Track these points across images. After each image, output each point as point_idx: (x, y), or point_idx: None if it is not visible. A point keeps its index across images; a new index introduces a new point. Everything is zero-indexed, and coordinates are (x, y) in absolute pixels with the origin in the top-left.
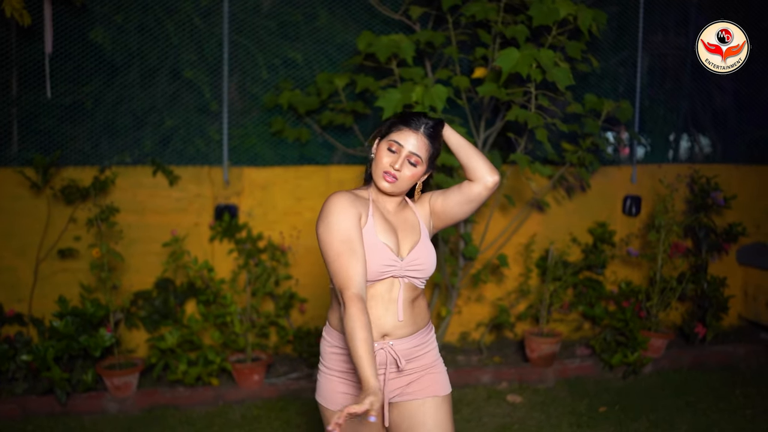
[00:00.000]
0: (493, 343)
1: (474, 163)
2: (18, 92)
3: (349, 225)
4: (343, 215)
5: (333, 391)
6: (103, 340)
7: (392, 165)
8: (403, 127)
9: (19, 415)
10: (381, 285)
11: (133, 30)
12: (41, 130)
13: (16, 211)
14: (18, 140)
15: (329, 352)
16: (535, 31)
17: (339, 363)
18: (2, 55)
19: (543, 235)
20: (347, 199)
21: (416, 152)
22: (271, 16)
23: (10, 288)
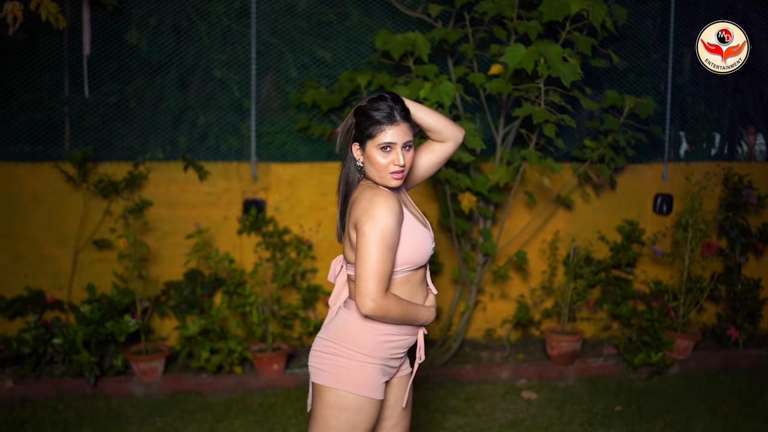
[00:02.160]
0: (519, 340)
1: (444, 125)
2: (54, 92)
3: (398, 228)
4: (397, 221)
5: (377, 381)
6: (127, 326)
7: (395, 163)
8: (384, 126)
9: (53, 394)
10: (422, 268)
11: (167, 31)
12: (84, 128)
13: (57, 204)
14: (58, 137)
15: (378, 341)
16: (552, 27)
17: (387, 350)
18: (53, 57)
19: (570, 233)
20: (397, 200)
21: (406, 140)
22: (303, 16)
23: (52, 276)
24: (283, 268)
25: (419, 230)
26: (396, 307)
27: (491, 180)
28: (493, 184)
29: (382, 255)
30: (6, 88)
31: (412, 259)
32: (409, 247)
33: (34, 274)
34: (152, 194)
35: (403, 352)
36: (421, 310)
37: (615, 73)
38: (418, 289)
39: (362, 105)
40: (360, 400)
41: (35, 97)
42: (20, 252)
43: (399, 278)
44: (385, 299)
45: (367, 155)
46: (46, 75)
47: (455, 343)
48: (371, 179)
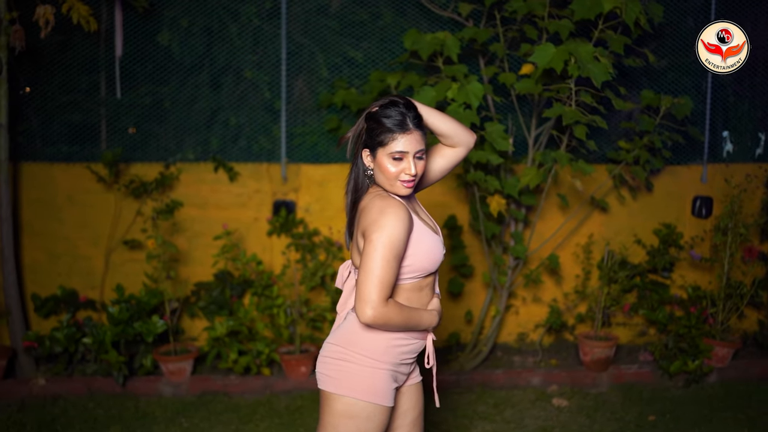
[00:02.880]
0: (552, 345)
1: (456, 130)
2: (90, 93)
3: (404, 243)
4: (405, 232)
5: (387, 387)
6: (155, 327)
7: (406, 172)
8: (396, 134)
9: (84, 393)
10: (433, 274)
11: (199, 32)
12: (118, 129)
13: (90, 204)
14: (93, 138)
15: (388, 346)
16: (585, 26)
17: (397, 355)
18: (90, 59)
19: (605, 236)
20: (407, 212)
21: (419, 149)
22: (335, 16)
23: (85, 275)
24: (312, 270)
25: (430, 237)
26: (397, 315)
27: (521, 182)
28: (523, 186)
29: (387, 263)
30: (44, 90)
31: (423, 266)
32: (421, 255)
33: (68, 274)
34: (183, 195)
35: (413, 357)
36: (424, 315)
37: (654, 73)
38: (427, 293)
39: (373, 110)
40: (370, 408)
41: (72, 98)
42: (55, 251)
43: (410, 284)
44: (386, 307)
45: (377, 163)
46: (83, 77)
47: (486, 348)
48: (381, 186)
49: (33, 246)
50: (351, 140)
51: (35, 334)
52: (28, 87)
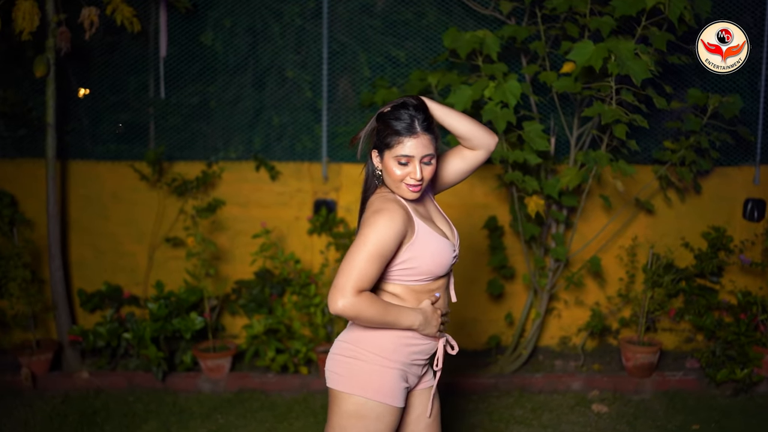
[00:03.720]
0: (596, 349)
1: (475, 132)
2: (138, 93)
3: (394, 243)
4: (395, 234)
5: (397, 387)
6: (193, 324)
7: (412, 176)
8: (402, 138)
9: (125, 387)
10: (444, 277)
11: (242, 32)
12: (163, 128)
13: (135, 202)
14: (141, 137)
15: (398, 344)
16: (629, 23)
17: (407, 355)
18: (139, 59)
19: (650, 239)
20: (400, 220)
21: (426, 153)
22: (378, 15)
23: (130, 272)
24: None
25: (437, 242)
26: (369, 308)
27: (560, 183)
28: (562, 187)
29: (370, 259)
30: (93, 90)
31: (429, 269)
32: (427, 258)
33: (113, 270)
34: (225, 193)
35: (424, 359)
36: (403, 314)
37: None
38: (443, 295)
39: (384, 111)
40: (380, 408)
41: (121, 98)
42: (101, 248)
43: (419, 286)
44: (357, 298)
45: (384, 164)
46: (131, 77)
47: (526, 351)
48: (388, 187)
49: (80, 242)
50: (362, 139)
51: (80, 329)
52: (86, 89)
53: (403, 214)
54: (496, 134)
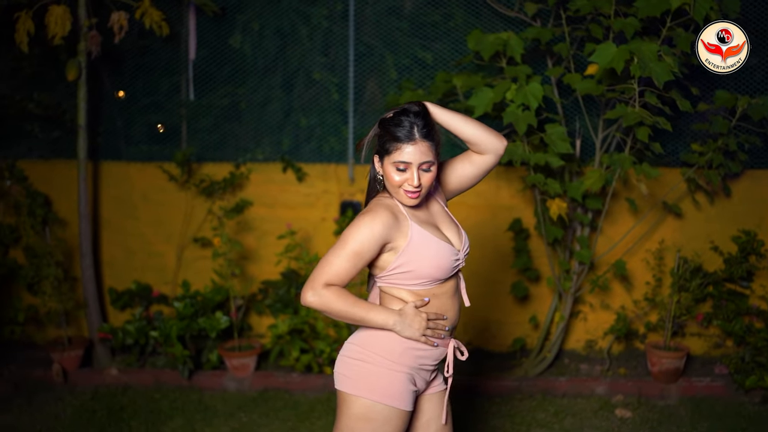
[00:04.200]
0: (622, 353)
1: (481, 136)
2: (170, 95)
3: (372, 245)
4: (374, 237)
5: (405, 390)
6: (218, 323)
7: (409, 183)
8: (400, 144)
9: (152, 384)
10: (450, 282)
11: (270, 35)
12: (193, 129)
13: (164, 202)
14: (172, 138)
15: (405, 347)
16: (654, 24)
17: (414, 359)
18: (171, 62)
19: (678, 242)
20: (384, 224)
21: (425, 160)
22: (406, 17)
23: (159, 271)
24: None
25: (436, 246)
26: (336, 302)
27: (583, 185)
28: (585, 189)
29: (344, 257)
30: (128, 92)
31: (429, 273)
32: (424, 263)
33: (142, 269)
34: (253, 194)
35: (433, 364)
36: (374, 312)
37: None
38: (445, 300)
39: (386, 117)
40: (387, 411)
41: (154, 100)
42: (131, 247)
43: (423, 291)
44: (326, 291)
45: (384, 169)
46: (164, 79)
47: (550, 354)
48: (389, 192)
49: (111, 242)
50: (366, 144)
51: (110, 327)
52: (122, 91)
53: (387, 218)
54: (506, 138)
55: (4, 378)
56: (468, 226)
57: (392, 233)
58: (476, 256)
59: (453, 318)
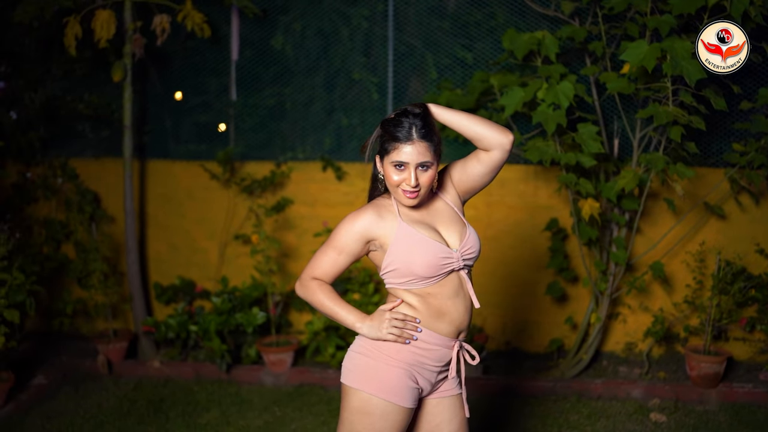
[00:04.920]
0: (662, 357)
1: (483, 133)
2: (217, 96)
3: (351, 241)
4: (354, 233)
5: (403, 386)
6: (255, 318)
7: (407, 183)
8: (398, 144)
9: (192, 377)
10: (450, 282)
11: (312, 36)
12: (237, 129)
13: (208, 200)
14: (214, 137)
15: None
16: (691, 21)
17: (412, 356)
18: (220, 63)
19: (721, 244)
20: (365, 221)
21: (423, 161)
22: (447, 17)
23: (203, 267)
24: None
25: (422, 245)
26: (313, 295)
27: (617, 185)
28: (619, 190)
29: (326, 252)
30: (176, 93)
31: (414, 272)
32: (408, 260)
33: (186, 265)
34: (294, 193)
35: (436, 365)
36: (343, 312)
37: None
38: (444, 301)
39: (387, 118)
40: (384, 405)
41: (202, 100)
42: (176, 243)
43: (417, 290)
44: (309, 283)
45: (383, 169)
46: (212, 80)
47: (586, 356)
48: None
49: (157, 238)
50: (370, 145)
51: (153, 320)
52: (179, 92)
53: (369, 216)
54: (512, 132)
55: (55, 367)
56: (506, 227)
57: (374, 231)
58: (514, 257)
59: (457, 319)
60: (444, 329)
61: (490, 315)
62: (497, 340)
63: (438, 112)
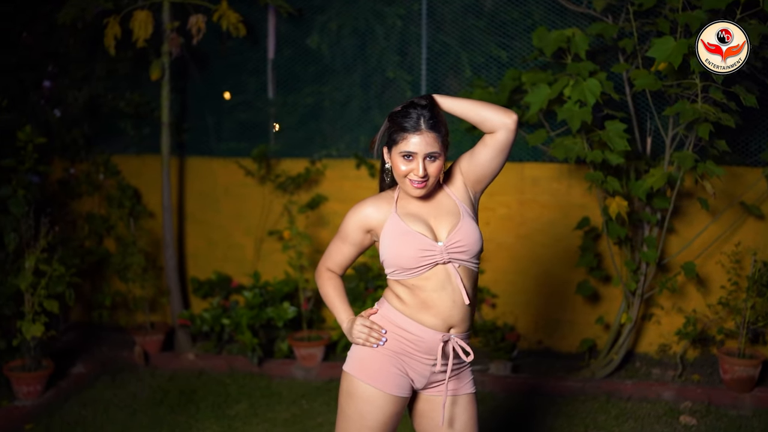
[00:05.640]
0: (698, 359)
1: (485, 115)
2: (254, 94)
3: (352, 230)
4: (354, 222)
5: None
6: (285, 313)
7: (415, 173)
8: (406, 134)
9: (226, 370)
10: (435, 276)
11: (348, 35)
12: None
13: (244, 196)
14: (252, 135)
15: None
16: (724, 16)
17: (396, 343)
18: (262, 62)
19: (759, 245)
20: (364, 211)
21: (431, 151)
22: (486, 15)
23: (239, 262)
24: None
25: (404, 237)
26: (322, 286)
27: (645, 184)
28: (647, 188)
29: (336, 241)
30: (214, 91)
31: (396, 263)
32: (391, 251)
33: (224, 260)
34: (328, 190)
35: (426, 357)
36: (336, 309)
37: None
38: (429, 294)
39: (395, 110)
40: (368, 390)
41: (243, 98)
42: (213, 239)
43: (402, 280)
44: (319, 273)
45: (391, 160)
46: (252, 78)
47: (617, 356)
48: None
49: (195, 234)
50: (379, 140)
51: (189, 313)
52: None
53: (368, 206)
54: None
55: (95, 357)
56: (539, 225)
57: (371, 221)
58: (546, 255)
59: (444, 312)
60: (430, 322)
61: (522, 314)
62: (529, 339)
63: (443, 102)
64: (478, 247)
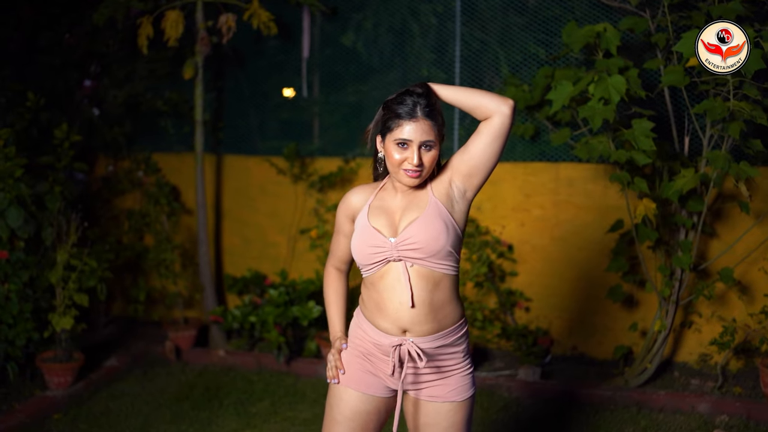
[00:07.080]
0: (741, 371)
1: (480, 101)
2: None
3: (340, 223)
4: (341, 211)
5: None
6: (310, 312)
7: (409, 161)
8: (401, 121)
9: (254, 367)
10: (387, 274)
11: (383, 33)
12: (303, 124)
13: (279, 195)
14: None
15: (354, 324)
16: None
17: (357, 338)
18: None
19: None
20: (348, 199)
21: (426, 139)
22: (528, 12)
23: (273, 260)
24: (478, 269)
25: (361, 231)
26: (325, 286)
27: (674, 185)
28: (677, 189)
29: (334, 234)
30: (251, 90)
31: (356, 257)
32: (353, 243)
33: (258, 258)
34: None
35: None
36: (333, 317)
37: None
38: (381, 292)
39: (390, 98)
40: (334, 386)
41: (281, 97)
42: (248, 237)
43: (365, 277)
44: (330, 270)
45: (385, 149)
46: (290, 77)
47: (651, 365)
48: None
49: (231, 231)
50: (372, 130)
51: (221, 310)
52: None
53: (353, 197)
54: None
55: (128, 351)
56: (574, 227)
57: (352, 210)
58: (581, 258)
59: (393, 315)
60: (382, 325)
61: (556, 318)
62: (563, 344)
63: (438, 89)
64: (437, 246)
